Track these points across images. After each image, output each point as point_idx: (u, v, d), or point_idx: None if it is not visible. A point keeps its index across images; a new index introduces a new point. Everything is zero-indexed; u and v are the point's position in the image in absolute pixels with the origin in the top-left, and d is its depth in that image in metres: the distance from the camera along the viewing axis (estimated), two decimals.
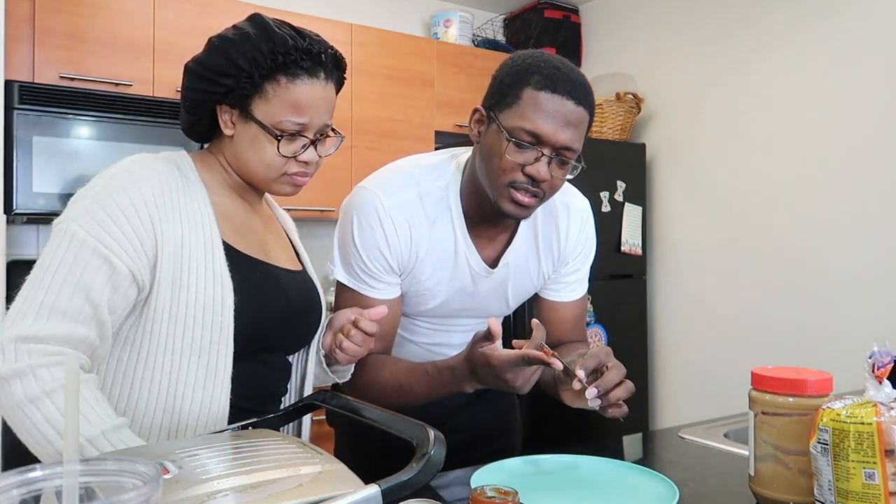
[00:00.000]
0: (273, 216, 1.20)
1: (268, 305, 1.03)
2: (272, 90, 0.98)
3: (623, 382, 1.01)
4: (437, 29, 3.50)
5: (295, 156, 1.01)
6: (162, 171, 0.98)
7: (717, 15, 3.14)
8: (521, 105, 1.06)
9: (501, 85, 1.10)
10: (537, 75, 1.05)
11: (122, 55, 2.52)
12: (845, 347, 2.42)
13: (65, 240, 0.90)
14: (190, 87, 1.03)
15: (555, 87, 1.04)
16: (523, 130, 1.05)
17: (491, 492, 0.76)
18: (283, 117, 0.99)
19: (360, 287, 1.20)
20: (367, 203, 1.17)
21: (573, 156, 1.09)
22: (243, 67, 0.97)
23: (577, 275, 1.34)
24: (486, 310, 1.30)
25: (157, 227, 0.94)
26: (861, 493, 0.76)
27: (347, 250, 1.19)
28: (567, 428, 3.10)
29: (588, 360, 1.01)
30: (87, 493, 0.53)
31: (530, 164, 1.06)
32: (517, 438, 1.50)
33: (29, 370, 0.84)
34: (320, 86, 1.01)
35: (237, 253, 1.01)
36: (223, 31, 1.02)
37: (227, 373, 0.97)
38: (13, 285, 0.94)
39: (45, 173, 2.29)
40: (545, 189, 1.09)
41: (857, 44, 2.63)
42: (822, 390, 0.86)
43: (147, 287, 0.94)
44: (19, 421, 0.84)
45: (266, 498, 0.62)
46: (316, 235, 2.99)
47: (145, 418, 0.95)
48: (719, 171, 3.13)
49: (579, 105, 1.06)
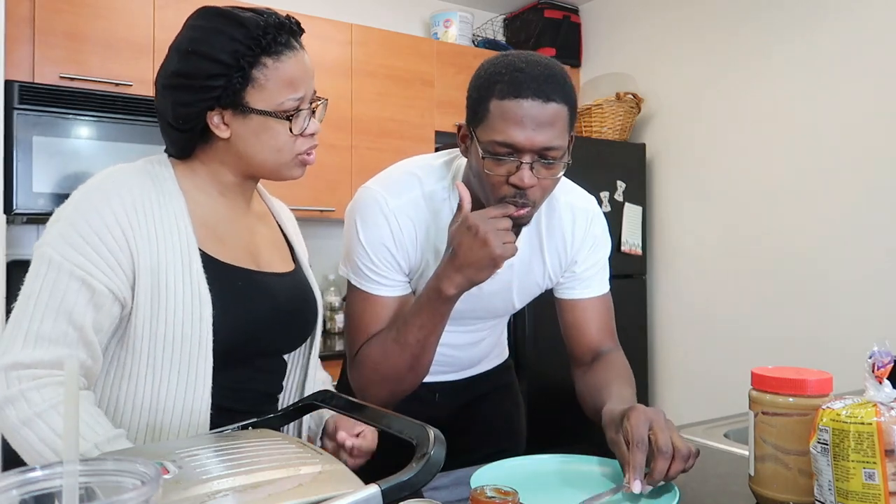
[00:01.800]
0: (268, 212, 1.18)
1: (250, 314, 1.01)
2: (262, 75, 0.96)
3: (673, 464, 0.90)
4: (437, 29, 3.50)
5: (303, 131, 1.01)
6: (134, 186, 0.96)
7: (717, 15, 3.14)
8: (490, 118, 1.03)
9: (471, 101, 1.08)
10: (499, 84, 1.03)
11: (122, 55, 2.52)
12: (845, 347, 2.42)
13: (42, 266, 0.91)
14: (178, 103, 0.97)
15: (518, 92, 1.01)
16: (496, 143, 1.03)
17: (491, 492, 0.76)
18: (282, 98, 0.97)
19: (369, 286, 1.18)
20: (372, 202, 1.17)
21: (557, 154, 1.05)
22: (229, 63, 0.94)
23: (590, 271, 1.31)
24: (492, 310, 1.30)
25: (131, 244, 0.93)
26: (861, 493, 0.76)
27: (354, 250, 1.19)
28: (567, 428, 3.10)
29: (635, 455, 0.90)
30: (87, 493, 0.53)
31: (513, 175, 1.04)
32: (520, 439, 1.49)
33: (20, 395, 0.87)
34: (301, 55, 1.00)
35: (217, 262, 1.00)
36: (184, 35, 0.98)
37: (206, 384, 0.97)
38: (13, 285, 0.94)
39: (45, 173, 2.29)
40: (535, 195, 1.07)
41: (858, 44, 2.63)
42: (822, 390, 0.86)
43: (129, 303, 0.94)
44: (18, 444, 0.88)
45: (266, 498, 0.62)
46: (316, 235, 2.99)
47: (130, 429, 0.96)
48: (719, 170, 3.13)
49: (549, 101, 1.01)
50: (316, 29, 2.90)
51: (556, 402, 3.06)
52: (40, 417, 0.86)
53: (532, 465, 1.04)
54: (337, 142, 2.98)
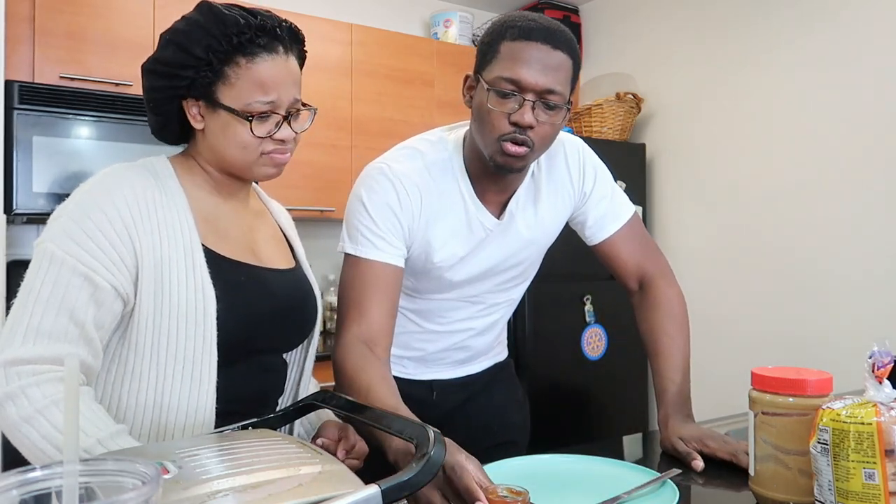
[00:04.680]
0: (266, 210, 1.18)
1: (253, 309, 1.01)
2: (234, 74, 0.97)
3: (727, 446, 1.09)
4: (437, 29, 3.50)
5: (270, 135, 1.00)
6: (136, 183, 0.97)
7: (717, 15, 3.14)
8: (499, 58, 1.10)
9: (482, 46, 1.14)
10: (512, 28, 1.09)
11: (122, 55, 2.52)
12: (845, 347, 2.42)
13: (44, 261, 0.90)
14: (151, 87, 1.01)
15: (529, 35, 1.08)
16: (503, 79, 1.08)
17: (503, 491, 0.77)
18: (250, 99, 0.97)
19: (365, 251, 1.17)
20: (376, 172, 1.20)
21: (558, 99, 1.10)
22: (200, 56, 0.96)
23: (605, 201, 1.35)
24: (518, 261, 1.31)
25: (134, 240, 0.93)
26: (861, 493, 0.76)
27: (356, 216, 1.19)
28: (568, 428, 3.10)
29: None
30: (87, 493, 0.53)
31: (515, 113, 1.08)
32: (519, 435, 1.49)
33: (20, 391, 0.86)
34: (281, 61, 0.99)
35: (219, 257, 1.00)
36: (173, 25, 1.01)
37: (211, 381, 0.97)
38: (13, 285, 0.94)
39: (45, 173, 2.29)
40: (534, 138, 1.11)
41: (858, 44, 2.63)
42: (822, 390, 0.86)
43: (132, 300, 0.94)
44: (18, 441, 0.87)
45: (266, 498, 0.62)
46: (316, 235, 2.99)
47: (133, 427, 0.95)
48: (719, 170, 3.13)
49: (557, 49, 1.08)
50: (316, 29, 2.90)
51: (557, 402, 3.07)
52: (41, 414, 0.85)
53: (532, 465, 1.04)
54: (337, 142, 2.98)
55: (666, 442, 1.16)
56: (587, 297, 3.08)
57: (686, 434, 1.13)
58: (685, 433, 1.13)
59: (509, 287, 1.36)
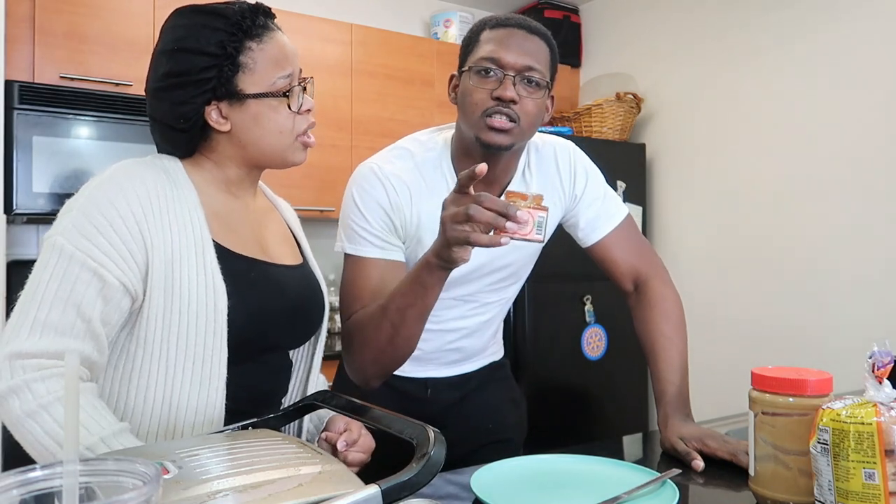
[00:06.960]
0: (273, 207, 1.19)
1: (263, 305, 1.01)
2: (250, 59, 0.99)
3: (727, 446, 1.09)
4: (437, 29, 3.50)
5: (300, 108, 1.03)
6: (148, 178, 0.96)
7: (717, 15, 3.14)
8: (479, 44, 1.18)
9: (463, 44, 1.22)
10: (490, 21, 1.19)
11: (122, 55, 2.52)
12: (845, 347, 2.42)
13: (53, 255, 0.90)
14: (175, 103, 0.99)
15: (507, 23, 1.17)
16: (483, 59, 1.15)
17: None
18: (274, 77, 1.00)
19: (362, 249, 1.20)
20: (367, 172, 1.23)
21: (539, 76, 1.16)
22: (217, 52, 0.97)
23: (598, 202, 1.35)
24: (508, 262, 1.31)
25: (145, 235, 0.93)
26: (861, 493, 0.76)
27: (349, 216, 1.22)
28: (567, 428, 3.10)
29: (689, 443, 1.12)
30: (87, 493, 0.53)
31: (497, 88, 1.14)
32: (514, 433, 1.49)
33: (24, 385, 0.85)
34: (279, 36, 1.03)
35: (230, 253, 1.00)
36: (167, 37, 1.00)
37: (221, 378, 0.97)
38: (13, 285, 0.94)
39: (45, 173, 2.29)
40: (518, 112, 1.14)
41: (857, 44, 2.63)
42: (822, 390, 0.86)
43: (140, 296, 0.93)
44: (21, 436, 0.86)
45: (266, 498, 0.62)
46: (316, 235, 2.98)
47: (141, 426, 0.94)
48: (719, 170, 3.13)
49: (533, 34, 1.17)
50: (316, 29, 2.90)
51: (557, 402, 3.07)
52: (45, 409, 0.84)
53: (532, 465, 1.04)
54: (337, 142, 2.98)
55: (666, 442, 1.16)
56: (587, 297, 3.08)
57: (686, 434, 1.13)
58: (685, 433, 1.14)
59: (501, 287, 1.36)
